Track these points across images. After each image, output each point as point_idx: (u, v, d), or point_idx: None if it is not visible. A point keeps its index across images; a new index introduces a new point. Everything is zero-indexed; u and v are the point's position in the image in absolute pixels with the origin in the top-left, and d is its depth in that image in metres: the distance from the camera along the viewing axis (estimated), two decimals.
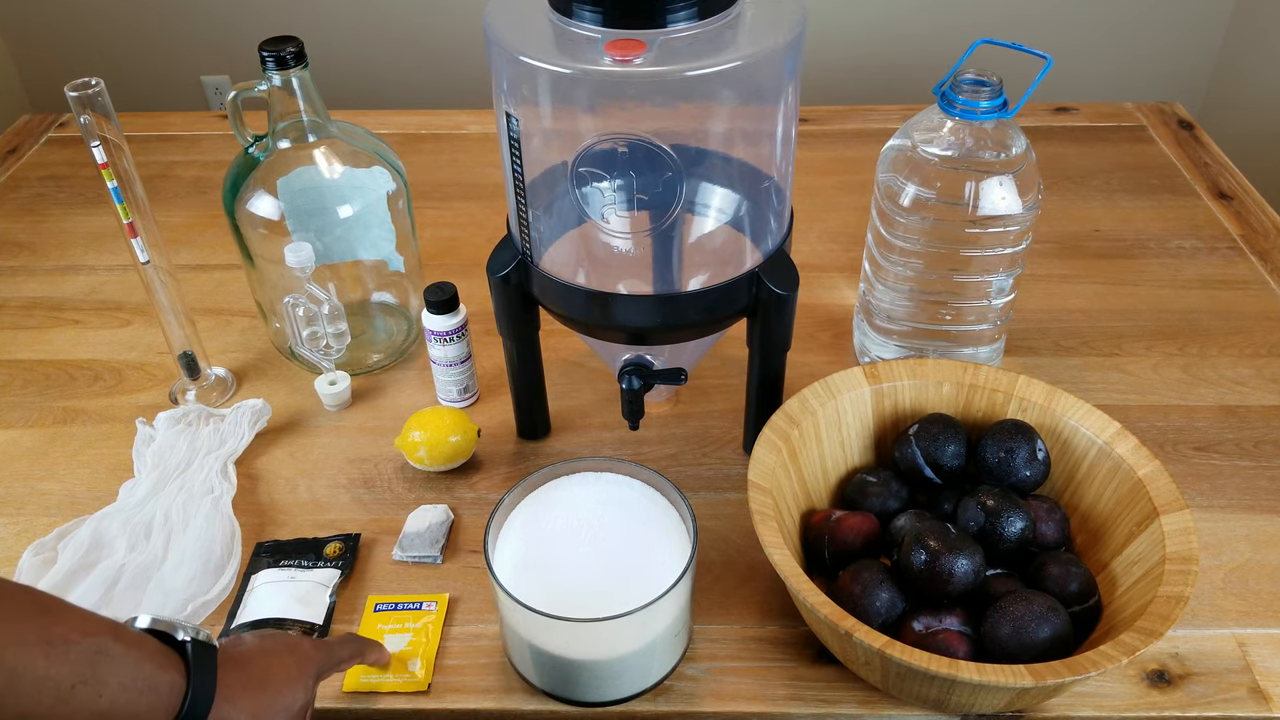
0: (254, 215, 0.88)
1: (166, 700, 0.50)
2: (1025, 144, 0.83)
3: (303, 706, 0.59)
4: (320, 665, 0.61)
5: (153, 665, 0.50)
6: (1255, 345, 0.99)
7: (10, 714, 0.44)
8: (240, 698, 0.54)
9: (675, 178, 0.69)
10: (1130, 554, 0.69)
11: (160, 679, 0.50)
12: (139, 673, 0.49)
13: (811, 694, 0.70)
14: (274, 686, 0.57)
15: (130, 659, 0.49)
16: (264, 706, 0.56)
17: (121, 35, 2.21)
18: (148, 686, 0.49)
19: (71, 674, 0.46)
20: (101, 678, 0.47)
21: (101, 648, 0.47)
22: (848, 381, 0.79)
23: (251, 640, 0.59)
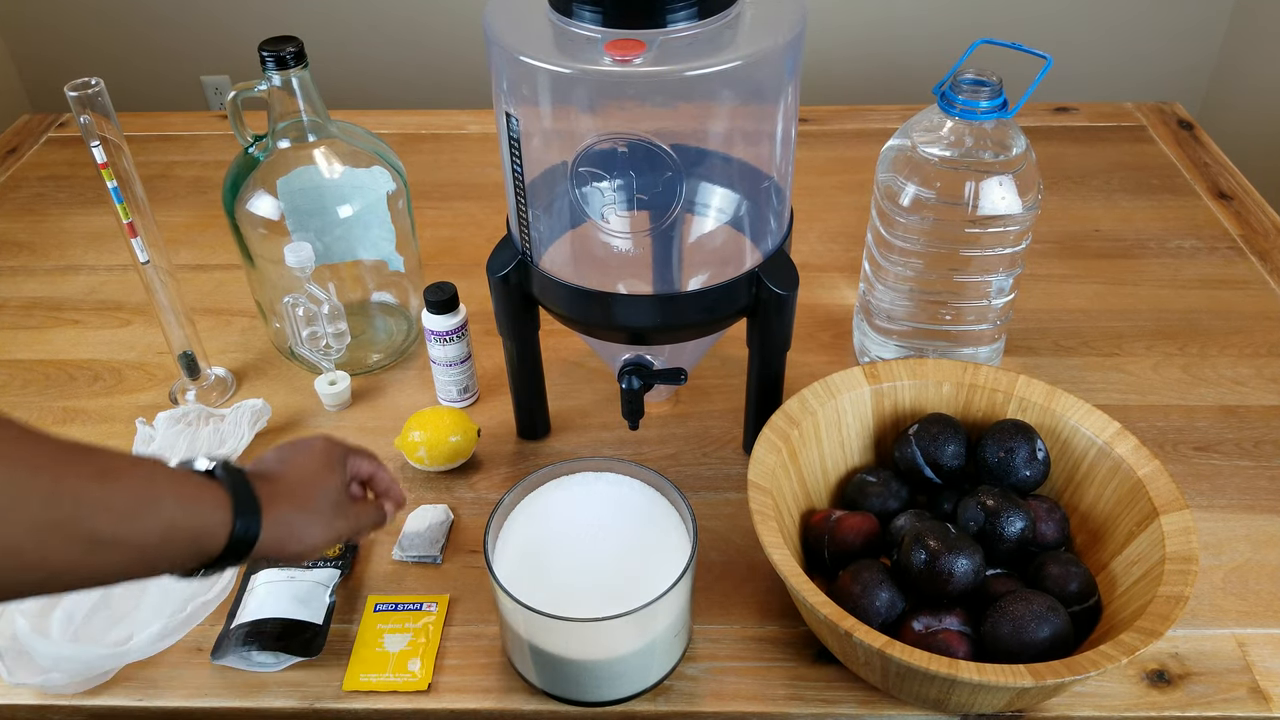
0: (254, 215, 0.88)
1: (219, 512, 0.55)
2: (1025, 144, 0.83)
3: (339, 486, 0.65)
4: (340, 451, 0.67)
5: (196, 486, 0.55)
6: (1255, 345, 0.99)
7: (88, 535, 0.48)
8: (283, 499, 0.60)
9: (675, 178, 0.69)
10: (1130, 554, 0.69)
11: (205, 494, 0.55)
12: (185, 491, 0.54)
13: (811, 694, 0.70)
14: (309, 481, 0.63)
15: (176, 481, 0.54)
16: (307, 498, 0.62)
17: (121, 35, 2.21)
18: (197, 501, 0.54)
19: (129, 496, 0.50)
20: (156, 496, 0.52)
21: (150, 473, 0.52)
22: (848, 381, 0.79)
23: (271, 457, 0.65)
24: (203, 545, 0.55)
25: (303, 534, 0.61)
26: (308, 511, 0.62)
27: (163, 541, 0.52)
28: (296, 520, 0.61)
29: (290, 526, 0.60)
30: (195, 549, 0.55)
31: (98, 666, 0.69)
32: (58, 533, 0.48)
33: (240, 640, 0.71)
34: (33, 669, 0.69)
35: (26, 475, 0.47)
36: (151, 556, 0.53)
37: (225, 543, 0.56)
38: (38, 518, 0.47)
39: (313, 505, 0.63)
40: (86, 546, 0.49)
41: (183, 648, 0.73)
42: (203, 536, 0.54)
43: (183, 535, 0.53)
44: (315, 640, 0.72)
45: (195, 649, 0.73)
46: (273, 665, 0.71)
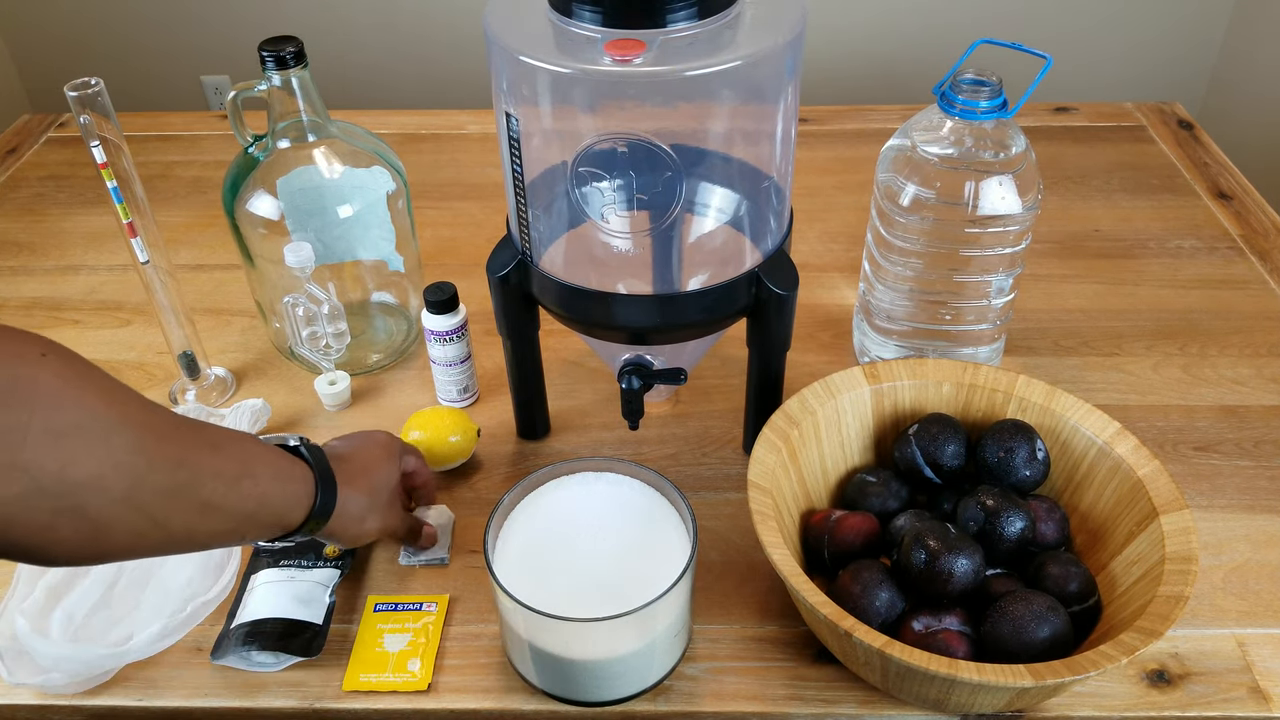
0: (254, 215, 0.88)
1: (304, 486, 0.61)
2: (1025, 144, 0.83)
3: (396, 482, 0.72)
4: (398, 448, 0.73)
5: (286, 461, 0.60)
6: (1255, 345, 0.99)
7: (200, 500, 0.53)
8: (354, 481, 0.66)
9: (675, 177, 0.69)
10: (1130, 554, 0.69)
11: (294, 470, 0.60)
12: (279, 466, 0.59)
13: (811, 694, 0.70)
14: (374, 469, 0.69)
15: (269, 456, 0.59)
16: (371, 485, 0.68)
17: (121, 35, 2.21)
18: (288, 477, 0.60)
19: (234, 468, 0.55)
20: (255, 470, 0.57)
21: (247, 448, 0.57)
22: (847, 381, 0.79)
23: (339, 442, 0.71)
24: (286, 516, 0.60)
25: (365, 518, 0.67)
26: (372, 498, 0.68)
27: (258, 508, 0.57)
28: (363, 504, 0.67)
29: (358, 507, 0.66)
30: (280, 519, 0.59)
31: (98, 666, 0.69)
32: (181, 497, 0.52)
33: (240, 640, 0.71)
34: (33, 669, 0.69)
35: (157, 442, 0.51)
36: (245, 524, 0.57)
37: (305, 516, 0.61)
38: (169, 481, 0.51)
39: (376, 493, 0.68)
40: (200, 510, 0.53)
41: (183, 648, 0.73)
42: (289, 508, 0.60)
43: (274, 505, 0.58)
44: (315, 640, 0.72)
45: (195, 649, 0.73)
46: (273, 665, 0.71)
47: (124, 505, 0.49)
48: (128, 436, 0.49)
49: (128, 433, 0.50)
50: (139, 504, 0.50)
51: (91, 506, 0.48)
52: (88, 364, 0.51)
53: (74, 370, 0.50)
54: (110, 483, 0.48)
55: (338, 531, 0.65)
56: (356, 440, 0.71)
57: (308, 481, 0.61)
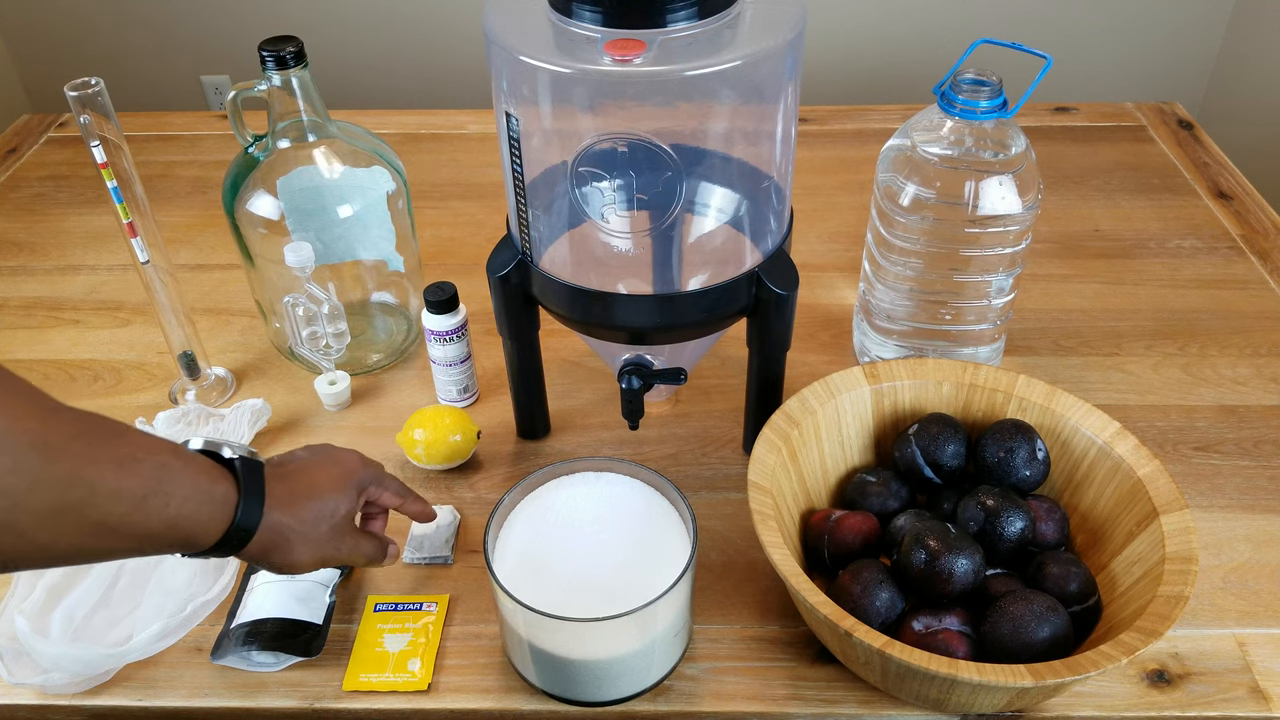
0: (254, 215, 0.88)
1: (222, 509, 0.56)
2: (1025, 144, 0.83)
3: (346, 514, 0.65)
4: (362, 479, 0.67)
5: (208, 479, 0.55)
6: (1255, 345, 0.99)
7: (91, 523, 0.49)
8: (288, 506, 0.60)
9: (675, 177, 0.69)
10: (1130, 554, 0.69)
11: (215, 490, 0.55)
12: (197, 485, 0.54)
13: (811, 694, 0.70)
14: (319, 495, 0.63)
15: (189, 473, 0.54)
16: (309, 513, 0.62)
17: (121, 35, 2.21)
18: (206, 498, 0.55)
19: (141, 486, 0.51)
20: (167, 489, 0.52)
21: (165, 464, 0.53)
22: (848, 381, 0.79)
23: (300, 454, 0.66)
24: (197, 537, 0.55)
25: (291, 548, 0.61)
26: (306, 527, 0.61)
27: (163, 530, 0.53)
28: (293, 532, 0.61)
29: (284, 536, 0.60)
30: (188, 540, 0.55)
31: (98, 666, 0.69)
32: (68, 517, 0.48)
33: (240, 640, 0.71)
34: (33, 669, 0.69)
35: (45, 460, 0.46)
36: (147, 544, 0.53)
37: (219, 537, 0.56)
38: (52, 502, 0.47)
39: (312, 522, 0.62)
40: (92, 532, 0.49)
41: (183, 648, 0.73)
42: (201, 529, 0.55)
43: (184, 526, 0.54)
44: (315, 640, 0.72)
45: (195, 649, 0.73)
46: (273, 665, 0.71)
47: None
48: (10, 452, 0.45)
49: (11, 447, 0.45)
50: (15, 527, 0.46)
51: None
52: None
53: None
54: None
55: (260, 557, 0.60)
56: (316, 460, 0.66)
57: (228, 503, 0.56)
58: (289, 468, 0.63)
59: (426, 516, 0.74)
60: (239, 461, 0.58)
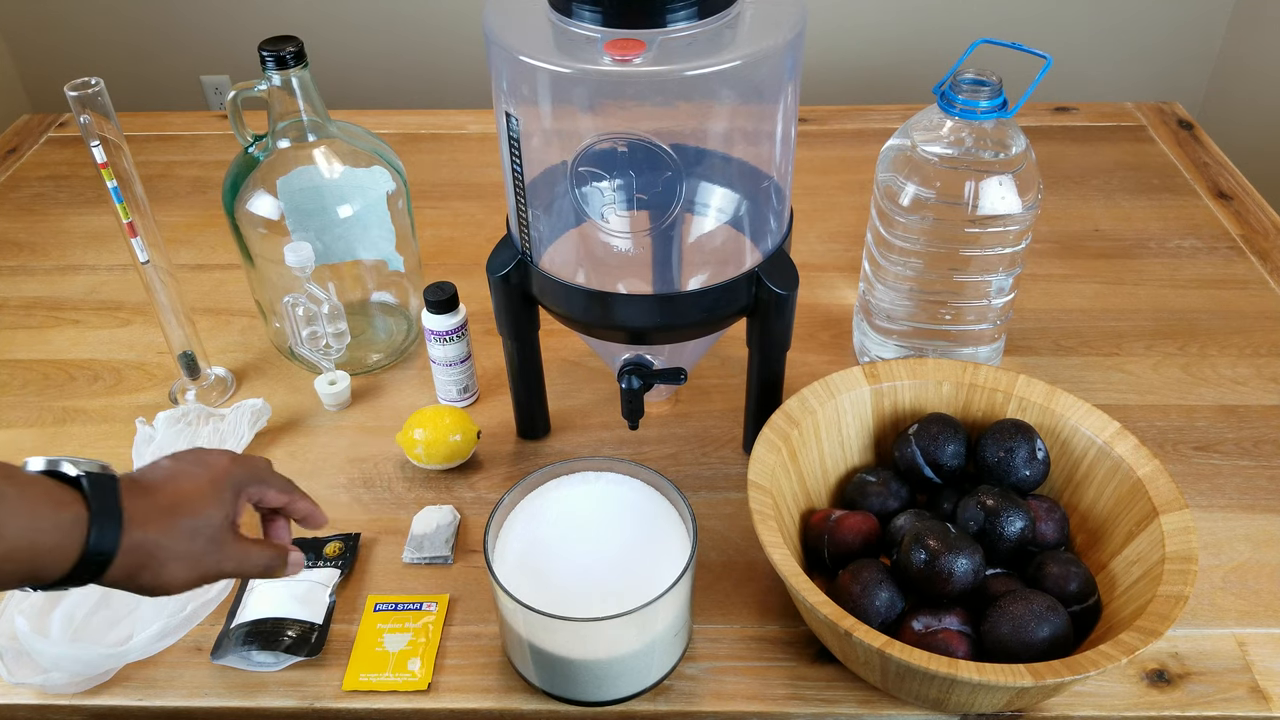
0: (254, 215, 0.88)
1: (71, 536, 0.50)
2: (1025, 143, 0.83)
3: (222, 522, 0.58)
4: (237, 479, 0.60)
5: (50, 504, 0.50)
6: (1255, 345, 0.99)
7: None
8: (151, 522, 0.54)
9: (675, 177, 0.69)
10: (1130, 553, 0.69)
11: (61, 516, 0.50)
12: (37, 512, 0.49)
13: (811, 694, 0.70)
14: (186, 506, 0.56)
15: (26, 500, 0.49)
16: (176, 528, 0.55)
17: (121, 35, 2.21)
18: (50, 525, 0.49)
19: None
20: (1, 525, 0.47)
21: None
22: (848, 381, 0.79)
23: (164, 464, 0.58)
24: (42, 568, 0.50)
25: (162, 567, 0.54)
26: (176, 539, 0.55)
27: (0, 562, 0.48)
28: (162, 547, 0.54)
29: (152, 553, 0.54)
30: (31, 573, 0.50)
31: (98, 666, 0.69)
32: None
33: (240, 640, 0.71)
34: (33, 669, 0.69)
35: None
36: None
37: (71, 565, 0.50)
38: None
39: (184, 533, 0.55)
40: None
41: (183, 647, 0.73)
42: (46, 558, 0.49)
43: (21, 559, 0.48)
44: (315, 640, 0.72)
45: (195, 648, 0.73)
46: (273, 665, 0.71)
47: None
48: None
49: None
50: None
51: None
52: None
53: None
54: None
55: (126, 580, 0.53)
56: (181, 465, 0.59)
57: (78, 525, 0.50)
58: (149, 480, 0.56)
59: (315, 520, 0.66)
60: (85, 479, 0.52)
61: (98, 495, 0.52)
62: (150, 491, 0.55)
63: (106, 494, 0.52)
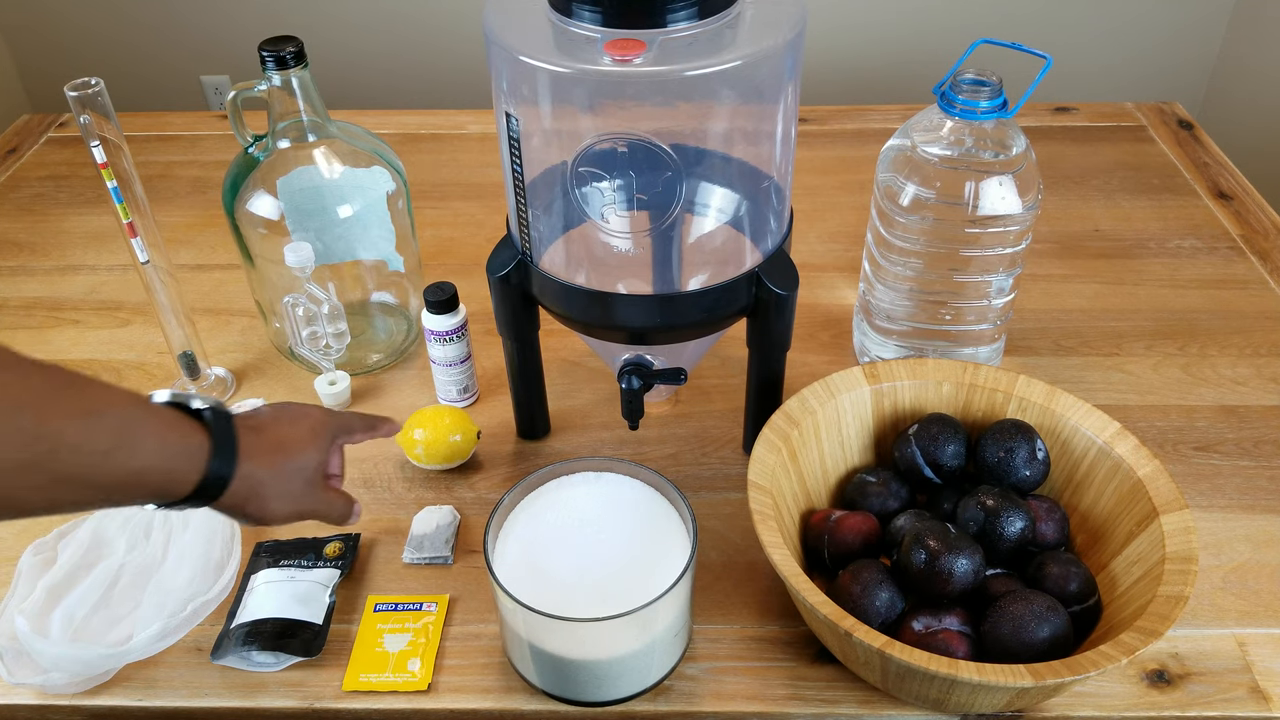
0: (254, 215, 0.88)
1: (195, 458, 0.56)
2: (1025, 144, 0.83)
3: (317, 466, 0.65)
4: (333, 429, 0.68)
5: (178, 431, 0.55)
6: (1255, 345, 0.99)
7: (56, 475, 0.48)
8: (259, 457, 0.60)
9: (675, 177, 0.69)
10: (1130, 554, 0.69)
11: (188, 441, 0.55)
12: (166, 437, 0.54)
13: (811, 694, 0.70)
14: (290, 448, 0.63)
15: (156, 426, 0.54)
16: (283, 463, 0.62)
17: (121, 35, 2.21)
18: (177, 448, 0.55)
19: (106, 440, 0.50)
20: (132, 442, 0.52)
21: (129, 416, 0.52)
22: (848, 381, 0.79)
23: (267, 410, 0.65)
24: (171, 486, 0.55)
25: (266, 497, 0.61)
26: (280, 477, 0.62)
27: (131, 481, 0.52)
28: (268, 481, 0.61)
29: (260, 485, 0.60)
30: (162, 489, 0.54)
31: (98, 666, 0.69)
32: (34, 472, 0.47)
33: (240, 640, 0.71)
34: (33, 669, 0.69)
35: (11, 413, 0.46)
36: (118, 495, 0.53)
37: (194, 487, 0.56)
38: (19, 456, 0.46)
39: (286, 472, 0.62)
40: (58, 484, 0.49)
41: (183, 648, 0.73)
42: (173, 478, 0.55)
43: (153, 477, 0.53)
44: (315, 640, 0.72)
45: (195, 649, 0.73)
46: (273, 665, 0.71)
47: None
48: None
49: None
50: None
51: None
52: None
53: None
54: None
55: (233, 507, 0.60)
56: (282, 413, 0.66)
57: (201, 452, 0.56)
58: (258, 421, 0.63)
59: (394, 428, 0.75)
60: (209, 413, 0.58)
61: (218, 427, 0.58)
62: (260, 431, 0.61)
63: (225, 427, 0.58)
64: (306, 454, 0.64)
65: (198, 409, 0.58)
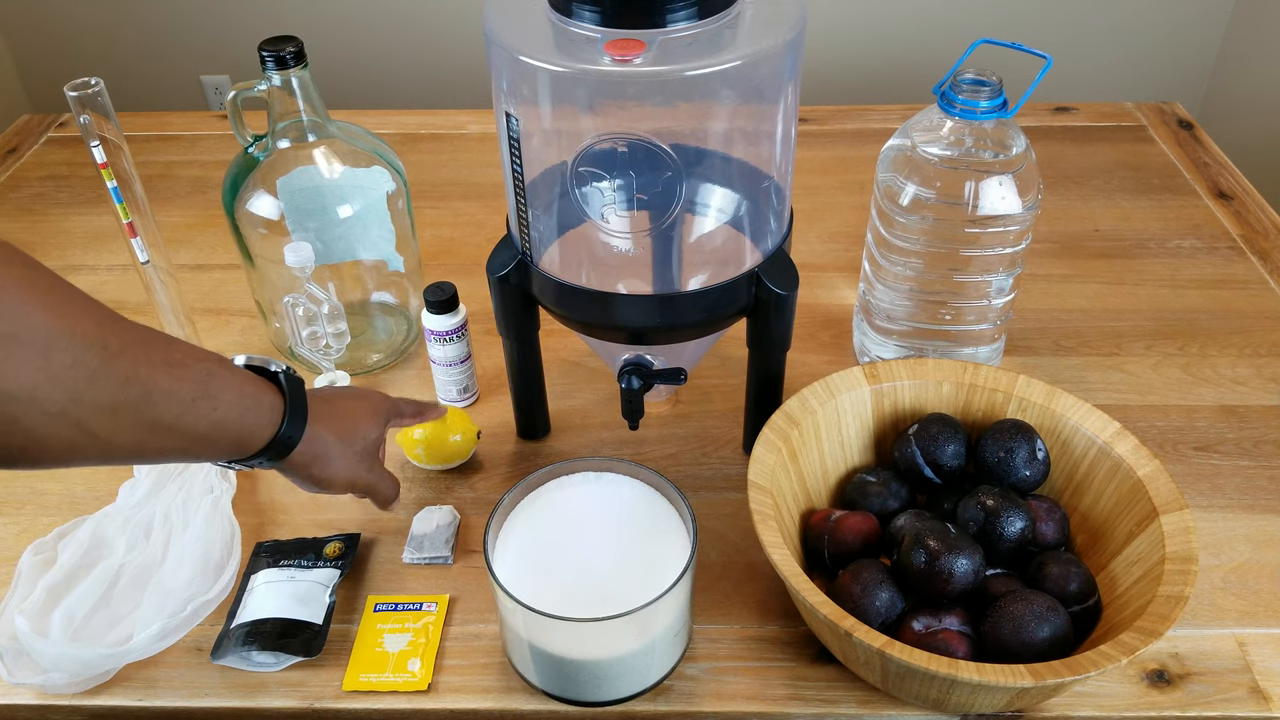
0: (254, 215, 0.88)
1: (270, 415, 0.61)
2: (1025, 144, 0.83)
3: (375, 440, 0.71)
4: (388, 411, 0.73)
5: (255, 387, 0.60)
6: (1255, 345, 0.99)
7: (146, 419, 0.53)
8: (328, 422, 0.66)
9: (675, 177, 0.69)
10: (1130, 554, 0.69)
11: (263, 398, 0.60)
12: (244, 391, 0.59)
13: (811, 694, 0.70)
14: (354, 419, 0.69)
15: (235, 381, 0.58)
16: (347, 432, 0.68)
17: (121, 35, 2.21)
18: (253, 404, 0.59)
19: (191, 389, 0.55)
20: (214, 393, 0.56)
21: (211, 370, 0.56)
22: (847, 381, 0.79)
23: (330, 389, 0.71)
24: (246, 441, 0.59)
25: (330, 461, 0.66)
26: (344, 444, 0.67)
27: (212, 432, 0.57)
28: (333, 446, 0.66)
29: (325, 448, 0.65)
30: (238, 443, 0.59)
31: (98, 666, 0.69)
32: (126, 414, 0.51)
33: (240, 640, 0.71)
34: (33, 669, 0.69)
35: (106, 358, 0.50)
36: (198, 445, 0.57)
37: (267, 442, 0.61)
38: (113, 398, 0.50)
39: (349, 440, 0.68)
40: (148, 428, 0.53)
41: (183, 648, 0.73)
42: (248, 433, 0.59)
43: (230, 430, 0.58)
44: (315, 640, 0.72)
45: (195, 649, 0.73)
46: (273, 665, 0.71)
47: (60, 420, 0.49)
48: (70, 350, 0.48)
49: (71, 346, 0.48)
50: (76, 419, 0.49)
51: (25, 418, 0.47)
52: (47, 274, 0.49)
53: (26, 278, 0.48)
54: (44, 395, 0.47)
55: (303, 468, 0.65)
56: (349, 391, 0.72)
57: (275, 410, 0.61)
58: (326, 394, 0.69)
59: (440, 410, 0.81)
60: (284, 376, 0.63)
61: (292, 390, 0.63)
62: (328, 401, 0.68)
63: (298, 391, 0.63)
64: (367, 428, 0.70)
65: (274, 372, 0.63)
